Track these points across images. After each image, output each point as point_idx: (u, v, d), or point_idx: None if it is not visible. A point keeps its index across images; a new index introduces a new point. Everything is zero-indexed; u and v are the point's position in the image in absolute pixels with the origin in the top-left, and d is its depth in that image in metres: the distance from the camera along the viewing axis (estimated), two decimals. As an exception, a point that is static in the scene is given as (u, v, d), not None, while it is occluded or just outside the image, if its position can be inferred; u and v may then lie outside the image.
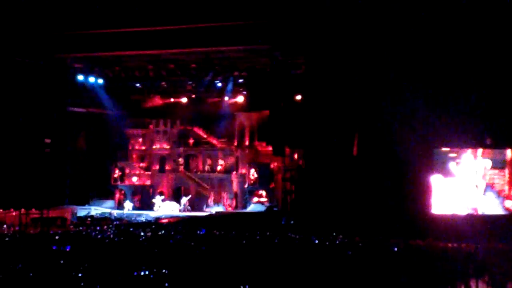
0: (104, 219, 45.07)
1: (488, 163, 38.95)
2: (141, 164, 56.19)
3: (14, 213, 43.47)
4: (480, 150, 39.74)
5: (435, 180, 39.40)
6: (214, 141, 55.11)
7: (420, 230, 34.32)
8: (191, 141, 55.53)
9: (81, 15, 45.47)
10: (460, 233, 33.79)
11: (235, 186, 52.44)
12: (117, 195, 54.64)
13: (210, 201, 53.07)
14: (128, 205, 52.67)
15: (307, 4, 40.01)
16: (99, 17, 45.29)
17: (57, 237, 31.14)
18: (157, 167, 55.44)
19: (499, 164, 40.35)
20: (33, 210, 43.80)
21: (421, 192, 38.06)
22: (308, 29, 40.70)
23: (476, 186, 40.20)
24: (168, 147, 55.35)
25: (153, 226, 38.59)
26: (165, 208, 52.02)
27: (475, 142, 38.19)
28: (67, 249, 26.80)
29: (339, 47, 39.41)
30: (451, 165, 39.57)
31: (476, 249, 28.01)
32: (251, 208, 50.18)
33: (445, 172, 40.05)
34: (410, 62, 37.33)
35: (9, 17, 43.96)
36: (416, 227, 34.80)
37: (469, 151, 39.74)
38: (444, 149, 39.68)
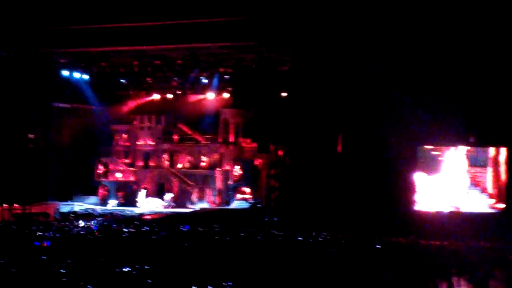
0: (87, 215, 44.96)
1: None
2: (125, 160, 56.07)
3: (-4, 209, 43.36)
4: (464, 148, 40.02)
5: (419, 178, 39.59)
6: (199, 138, 55.03)
7: (404, 227, 34.44)
8: (176, 137, 55.46)
9: (66, 10, 45.30)
10: (444, 230, 33.92)
11: (219, 183, 52.40)
12: (101, 191, 54.47)
13: (194, 197, 53.02)
14: (112, 201, 52.54)
15: (294, 1, 40.00)
16: (85, 12, 45.14)
17: (39, 233, 31.04)
18: (141, 163, 55.35)
19: (482, 162, 40.65)
20: (16, 205, 43.67)
21: (405, 189, 38.13)
22: (294, 26, 40.66)
23: (460, 184, 40.46)
24: (152, 143, 55.29)
25: (137, 222, 38.54)
26: (148, 204, 51.93)
27: (459, 140, 38.32)
28: (49, 245, 26.74)
29: (325, 44, 39.41)
30: (435, 162, 39.81)
31: (459, 247, 28.17)
32: (235, 204, 50.16)
33: (429, 170, 40.30)
34: (395, 60, 37.37)
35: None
36: (400, 225, 34.91)
37: (452, 149, 40.01)
38: (427, 146, 39.93)
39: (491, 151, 40.55)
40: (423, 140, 38.61)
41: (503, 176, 38.64)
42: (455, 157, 40.82)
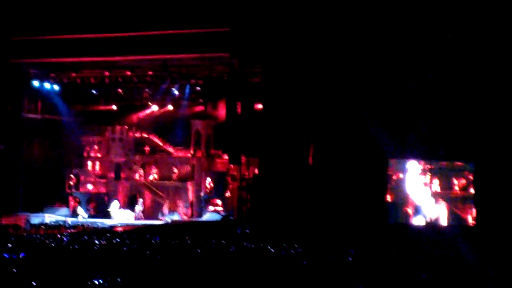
0: (58, 227, 44.67)
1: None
2: (96, 172, 55.76)
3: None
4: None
5: (391, 189, 39.84)
6: (170, 149, 54.89)
7: (376, 240, 34.55)
8: (147, 148, 55.26)
9: (36, 20, 45.23)
10: (415, 243, 34.11)
11: (190, 195, 52.27)
12: (72, 203, 54.12)
13: (166, 209, 52.82)
14: (81, 212, 52.22)
15: (265, 13, 40.16)
16: (55, 22, 45.08)
17: (9, 245, 30.77)
18: (113, 174, 55.07)
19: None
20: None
21: (377, 202, 38.33)
22: (265, 38, 40.86)
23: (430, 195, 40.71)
24: (123, 154, 55.02)
25: (108, 234, 38.34)
26: (120, 216, 51.70)
27: (429, 153, 38.59)
28: (21, 257, 26.53)
29: (296, 56, 39.61)
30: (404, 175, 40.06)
31: (432, 260, 28.31)
32: (207, 216, 50.02)
33: (398, 182, 40.55)
34: (365, 73, 37.65)
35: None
36: (372, 237, 35.02)
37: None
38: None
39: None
40: (394, 153, 38.84)
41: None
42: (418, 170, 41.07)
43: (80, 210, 52.52)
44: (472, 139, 36.82)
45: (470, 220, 39.02)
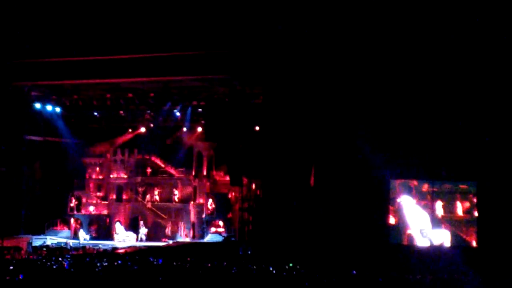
0: (60, 249, 44.62)
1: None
2: (98, 194, 55.70)
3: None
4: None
5: (395, 212, 39.78)
6: (172, 171, 54.88)
7: (377, 261, 34.50)
8: (149, 170, 55.24)
9: (38, 43, 45.36)
10: (417, 264, 34.09)
11: (192, 216, 52.25)
12: (73, 225, 54.08)
13: (168, 231, 52.79)
14: (82, 234, 52.18)
15: (266, 35, 40.30)
16: (57, 45, 45.21)
17: (11, 267, 30.74)
18: (114, 196, 55.03)
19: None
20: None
21: (378, 223, 38.30)
22: (266, 60, 40.99)
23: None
24: (125, 176, 54.99)
25: (110, 256, 38.29)
26: (122, 238, 51.66)
27: (431, 174, 38.57)
28: (20, 278, 26.50)
29: (297, 78, 39.72)
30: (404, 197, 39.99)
31: (432, 281, 28.29)
32: (209, 238, 50.02)
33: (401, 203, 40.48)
34: (367, 94, 37.73)
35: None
36: (374, 258, 34.98)
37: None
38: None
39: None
40: (396, 174, 38.86)
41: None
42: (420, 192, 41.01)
43: (81, 232, 52.47)
44: (473, 159, 36.83)
45: (474, 243, 38.86)
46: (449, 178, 39.10)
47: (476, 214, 39.04)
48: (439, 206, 40.59)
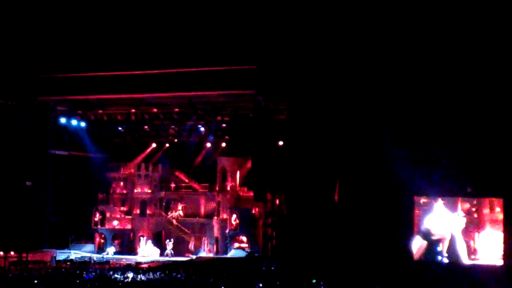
0: (83, 263, 44.70)
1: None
2: (122, 208, 55.83)
3: (-8, 256, 43.20)
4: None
5: (417, 228, 39.46)
6: (196, 186, 54.93)
7: (401, 278, 34.28)
8: (173, 185, 55.33)
9: (64, 58, 45.66)
10: (441, 282, 33.86)
11: (216, 231, 52.19)
12: (97, 239, 54.22)
13: (191, 246, 52.77)
14: (111, 250, 52.28)
15: (291, 51, 40.31)
16: (82, 60, 45.51)
17: (35, 281, 30.84)
18: (138, 211, 55.11)
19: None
20: (12, 253, 43.49)
21: (402, 240, 38.04)
22: (291, 75, 40.96)
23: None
24: (149, 191, 55.09)
25: (133, 271, 38.30)
26: (146, 253, 51.73)
27: (456, 190, 38.23)
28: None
29: (321, 93, 39.64)
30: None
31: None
32: (232, 253, 49.93)
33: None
34: (392, 112, 37.57)
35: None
36: (397, 275, 34.75)
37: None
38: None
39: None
40: (420, 191, 38.58)
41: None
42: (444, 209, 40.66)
43: (110, 249, 52.51)
44: (500, 174, 36.41)
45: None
46: (475, 194, 38.72)
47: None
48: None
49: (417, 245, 38.66)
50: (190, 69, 44.41)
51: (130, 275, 35.06)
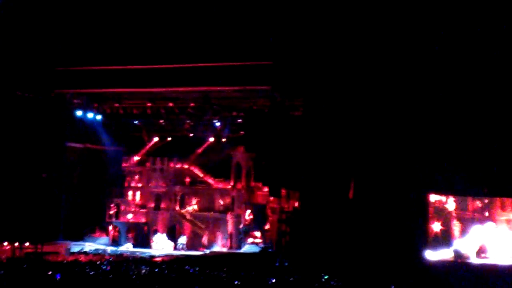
0: (98, 255, 44.87)
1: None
2: (137, 202, 56.00)
3: (7, 247, 43.37)
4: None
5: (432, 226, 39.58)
6: (210, 181, 54.97)
7: (414, 276, 34.22)
8: (188, 179, 55.38)
9: (81, 51, 45.82)
10: (454, 281, 33.82)
11: (230, 226, 52.25)
12: (112, 232, 54.39)
13: (205, 240, 52.86)
14: (128, 245, 52.48)
15: (308, 47, 40.30)
16: (99, 54, 45.64)
17: (50, 272, 30.98)
18: (153, 205, 55.25)
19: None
20: (27, 244, 43.70)
21: (416, 238, 38.00)
22: (307, 72, 40.95)
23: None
24: (164, 185, 55.20)
25: (147, 264, 38.43)
26: (160, 246, 51.85)
27: (470, 189, 38.19)
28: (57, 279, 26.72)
29: (337, 90, 39.61)
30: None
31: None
32: (246, 248, 49.98)
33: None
34: (406, 108, 37.51)
35: (11, 51, 44.21)
36: (410, 273, 34.67)
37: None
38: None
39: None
40: (435, 189, 38.58)
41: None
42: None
43: (127, 244, 52.71)
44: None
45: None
46: (492, 194, 38.72)
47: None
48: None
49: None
50: (206, 64, 44.46)
51: (144, 268, 35.20)
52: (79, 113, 52.26)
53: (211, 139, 54.73)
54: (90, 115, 52.73)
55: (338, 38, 39.03)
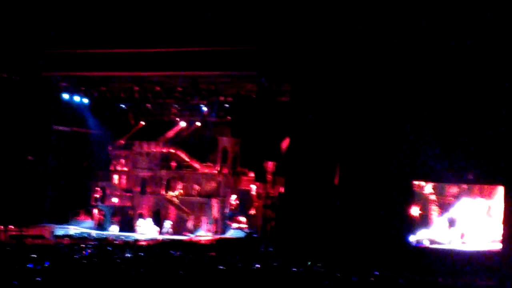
0: (82, 239, 44.87)
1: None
2: (122, 185, 55.89)
3: (-8, 229, 43.39)
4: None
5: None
6: (197, 165, 54.85)
7: (400, 262, 34.40)
8: (174, 164, 55.27)
9: (68, 34, 45.65)
10: (439, 267, 33.98)
11: (215, 211, 52.24)
12: (97, 216, 54.33)
13: (190, 225, 52.87)
14: (114, 228, 52.48)
15: (295, 32, 40.26)
16: (87, 36, 45.49)
17: (34, 255, 30.98)
18: (138, 189, 55.18)
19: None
20: (12, 227, 43.65)
21: (400, 224, 38.16)
22: (295, 57, 40.94)
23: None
24: (150, 169, 55.14)
25: (132, 248, 38.50)
26: (145, 230, 51.84)
27: (456, 176, 38.34)
28: (46, 265, 26.71)
29: (324, 76, 39.62)
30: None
31: (454, 285, 28.17)
32: (231, 233, 50.04)
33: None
34: (392, 93, 37.58)
35: (-3, 33, 44.12)
36: (396, 259, 34.86)
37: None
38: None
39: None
40: (419, 176, 38.75)
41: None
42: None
43: (113, 227, 52.70)
44: (502, 162, 36.36)
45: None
46: (476, 181, 38.90)
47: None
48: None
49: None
50: (193, 48, 44.39)
51: (129, 252, 35.26)
52: (66, 96, 52.13)
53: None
54: (77, 98, 52.61)
55: (325, 24, 39.00)
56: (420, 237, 39.55)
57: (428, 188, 40.84)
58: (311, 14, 39.13)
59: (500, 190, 38.80)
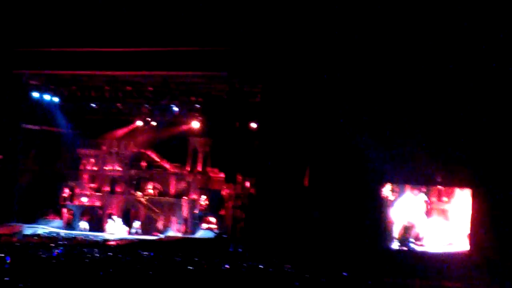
0: (51, 238, 44.60)
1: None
2: (92, 185, 55.61)
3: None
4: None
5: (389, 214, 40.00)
6: (167, 165, 54.77)
7: (369, 264, 34.54)
8: (144, 164, 55.14)
9: (38, 32, 45.38)
10: (410, 269, 34.21)
11: (185, 211, 52.17)
12: (66, 215, 54.01)
13: (160, 225, 52.77)
14: (84, 225, 52.21)
15: (266, 34, 40.35)
16: (57, 35, 45.24)
17: (2, 254, 30.79)
18: (108, 188, 54.99)
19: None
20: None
21: (372, 226, 38.34)
22: (265, 59, 41.03)
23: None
24: (120, 169, 54.91)
25: (101, 248, 38.35)
26: (114, 230, 51.66)
27: (424, 179, 38.64)
28: (7, 261, 26.58)
29: (295, 77, 39.75)
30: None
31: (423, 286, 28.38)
32: (200, 234, 49.98)
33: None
34: (362, 96, 37.78)
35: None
36: (366, 261, 35.01)
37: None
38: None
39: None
40: (388, 178, 38.97)
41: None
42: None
43: (83, 223, 52.41)
44: (468, 165, 36.68)
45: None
46: (445, 184, 39.20)
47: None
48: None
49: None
50: (165, 48, 44.30)
51: (98, 251, 35.13)
52: (35, 94, 51.81)
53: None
54: (47, 97, 52.29)
55: (297, 25, 39.11)
56: (390, 239, 39.75)
57: (387, 190, 40.94)
58: (283, 15, 39.23)
59: (459, 193, 39.25)
